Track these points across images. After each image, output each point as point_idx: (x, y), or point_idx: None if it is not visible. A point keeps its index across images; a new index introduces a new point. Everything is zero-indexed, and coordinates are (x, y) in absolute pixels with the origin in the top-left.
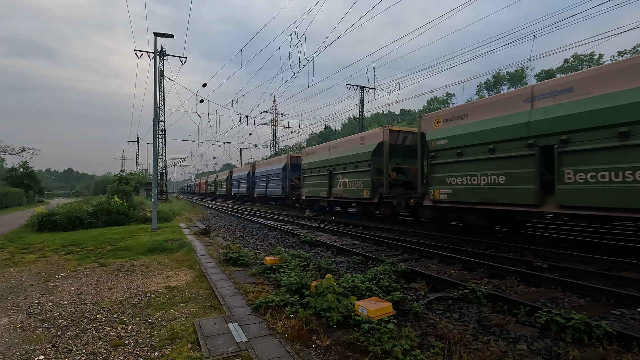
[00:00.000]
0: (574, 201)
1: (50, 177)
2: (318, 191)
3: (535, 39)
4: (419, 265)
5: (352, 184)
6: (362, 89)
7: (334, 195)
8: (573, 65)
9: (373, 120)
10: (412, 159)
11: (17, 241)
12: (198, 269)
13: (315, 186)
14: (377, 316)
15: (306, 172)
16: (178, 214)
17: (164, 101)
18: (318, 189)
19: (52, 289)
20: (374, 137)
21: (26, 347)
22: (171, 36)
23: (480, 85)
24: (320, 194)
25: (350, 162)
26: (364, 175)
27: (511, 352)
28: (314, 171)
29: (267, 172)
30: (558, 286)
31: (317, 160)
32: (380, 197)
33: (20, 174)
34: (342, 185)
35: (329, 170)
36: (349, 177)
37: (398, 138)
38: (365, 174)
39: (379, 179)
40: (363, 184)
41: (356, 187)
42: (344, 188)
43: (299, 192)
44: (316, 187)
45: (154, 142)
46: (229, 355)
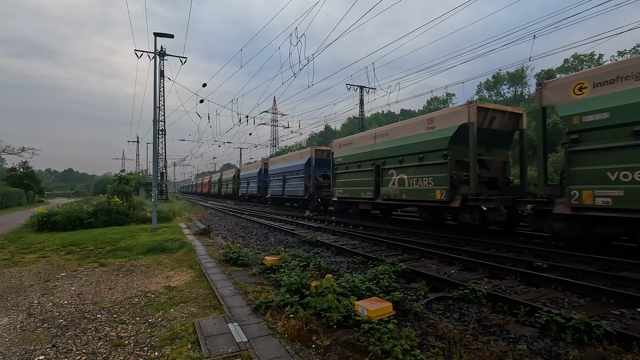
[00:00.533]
0: None
1: (50, 177)
2: (358, 191)
3: (535, 39)
4: (419, 265)
5: (416, 182)
6: (362, 89)
7: (383, 196)
8: (573, 65)
9: (373, 120)
10: (497, 148)
11: (17, 241)
12: (198, 269)
13: (354, 185)
14: (377, 316)
15: (340, 168)
16: (178, 214)
17: (164, 101)
18: (358, 189)
19: (52, 289)
20: (453, 118)
21: (26, 347)
22: (171, 36)
23: (480, 85)
24: (361, 195)
25: (412, 153)
26: (436, 170)
27: (511, 352)
28: (351, 166)
29: (284, 169)
30: (558, 286)
31: (357, 152)
32: (463, 199)
33: (20, 174)
34: (398, 184)
35: (374, 164)
36: (409, 173)
37: (485, 119)
38: (439, 169)
39: (459, 174)
40: (434, 182)
41: (423, 186)
42: (402, 187)
43: (327, 192)
44: (355, 186)
45: (154, 142)
46: (229, 355)
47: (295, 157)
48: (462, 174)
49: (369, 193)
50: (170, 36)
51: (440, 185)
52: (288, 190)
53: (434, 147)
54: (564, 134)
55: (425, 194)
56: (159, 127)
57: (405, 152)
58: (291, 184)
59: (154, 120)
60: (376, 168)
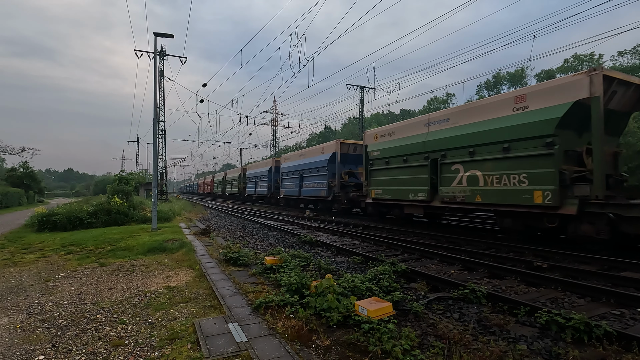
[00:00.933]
0: None
1: (50, 177)
2: (404, 192)
3: (535, 39)
4: (419, 265)
5: (498, 180)
6: (362, 89)
7: (444, 198)
8: (573, 65)
9: (373, 120)
10: (607, 135)
11: (17, 241)
12: (198, 269)
13: (399, 183)
14: (377, 316)
15: (377, 163)
16: (178, 214)
17: (164, 101)
18: (405, 189)
19: (52, 289)
20: (562, 93)
21: (26, 347)
22: (171, 36)
23: (480, 85)
24: (409, 197)
25: (491, 143)
26: (534, 164)
27: (511, 352)
28: (393, 161)
29: (301, 166)
30: (558, 286)
31: (402, 143)
32: (580, 203)
33: (20, 174)
34: (468, 182)
35: (428, 158)
36: (485, 169)
37: (606, 94)
38: (538, 162)
39: (569, 169)
40: (530, 180)
41: (510, 186)
42: (475, 187)
43: (356, 192)
44: (400, 186)
45: (154, 142)
46: (229, 355)
47: (316, 152)
48: (573, 169)
49: (421, 194)
50: (170, 36)
51: (541, 185)
52: (307, 191)
53: (530, 133)
54: None
55: (515, 196)
56: (159, 127)
57: (481, 142)
58: (310, 183)
59: (154, 120)
60: (431, 163)
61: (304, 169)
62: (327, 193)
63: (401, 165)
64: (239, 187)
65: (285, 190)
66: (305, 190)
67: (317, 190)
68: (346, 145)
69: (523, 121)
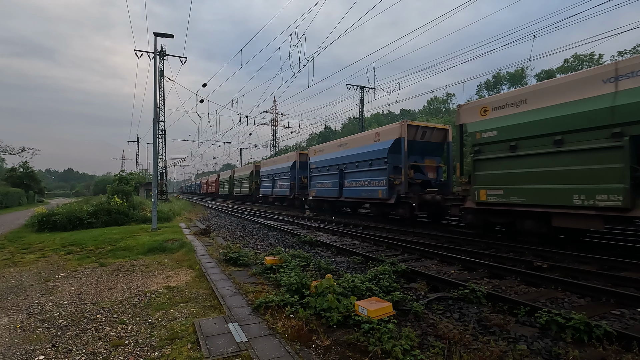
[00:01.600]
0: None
1: (50, 177)
2: (561, 193)
3: (535, 39)
4: (419, 265)
5: None
6: (362, 89)
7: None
8: (573, 65)
9: (373, 120)
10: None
11: (17, 241)
12: (198, 269)
13: (541, 179)
14: (377, 316)
15: (489, 149)
16: (178, 214)
17: (164, 101)
18: (561, 188)
19: (52, 289)
20: None
21: (26, 347)
22: (171, 36)
23: (480, 85)
24: (572, 201)
25: None
26: None
27: (511, 352)
28: (527, 144)
29: (342, 159)
30: (558, 286)
31: (549, 115)
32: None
33: (20, 174)
34: None
35: (623, 135)
36: None
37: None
38: None
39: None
40: None
41: None
42: None
43: (433, 193)
44: (545, 183)
45: (154, 142)
46: (229, 355)
47: (366, 139)
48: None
49: (606, 197)
50: (171, 36)
51: None
52: (352, 191)
53: None
54: None
55: None
56: (159, 127)
57: None
58: (359, 181)
59: (154, 120)
60: (632, 142)
61: (347, 162)
62: (388, 194)
63: (551, 150)
64: (250, 187)
65: (317, 191)
66: (350, 190)
67: (371, 191)
68: (414, 129)
69: None
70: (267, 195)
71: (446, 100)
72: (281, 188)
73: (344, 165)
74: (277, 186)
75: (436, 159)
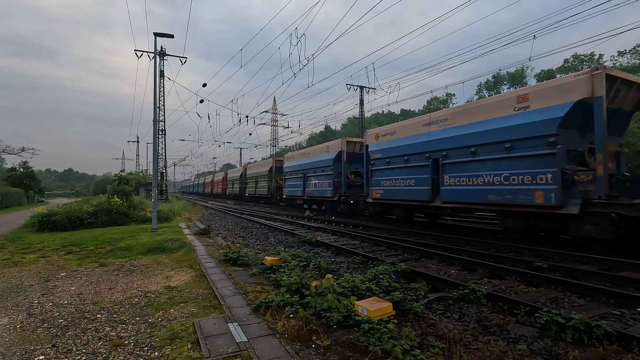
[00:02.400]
0: None
1: (50, 177)
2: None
3: (535, 39)
4: (419, 265)
5: None
6: (362, 89)
7: None
8: (573, 65)
9: (373, 120)
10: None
11: (17, 241)
12: (198, 269)
13: None
14: (377, 316)
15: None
16: (178, 214)
17: (164, 101)
18: None
19: (52, 289)
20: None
21: (26, 347)
22: (171, 36)
23: (480, 85)
24: None
25: None
26: None
27: (511, 352)
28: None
29: (441, 141)
30: (558, 286)
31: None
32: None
33: (20, 174)
34: None
35: None
36: None
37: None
38: None
39: None
40: None
41: None
42: None
43: None
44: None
45: (154, 142)
46: (229, 355)
47: (497, 106)
48: None
49: None
50: (171, 36)
51: None
52: (487, 191)
53: None
54: None
55: None
56: (159, 127)
57: None
58: (512, 175)
59: (154, 120)
60: None
61: (459, 145)
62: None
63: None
64: (269, 186)
65: (386, 191)
66: (488, 189)
67: (524, 193)
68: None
69: None
70: (294, 197)
71: (446, 100)
72: (318, 187)
73: (447, 151)
74: (310, 185)
75: None
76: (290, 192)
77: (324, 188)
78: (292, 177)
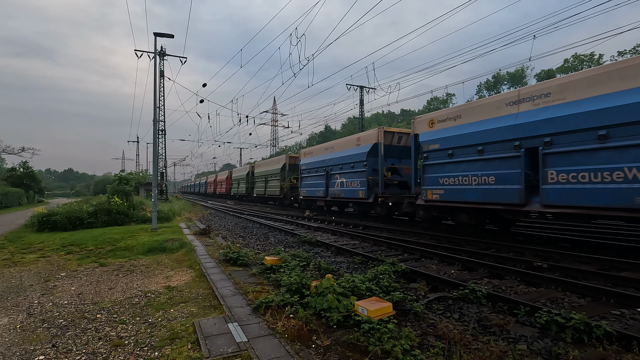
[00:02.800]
0: None
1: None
2: None
3: (535, 39)
4: (419, 265)
5: None
6: (362, 89)
7: None
8: (573, 65)
9: (373, 120)
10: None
11: (17, 241)
12: (198, 269)
13: None
14: (377, 316)
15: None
16: (178, 214)
17: (164, 101)
18: None
19: (52, 289)
20: None
21: (26, 347)
22: (171, 36)
23: (480, 85)
24: None
25: None
26: None
27: (511, 352)
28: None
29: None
30: (558, 286)
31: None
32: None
33: (20, 174)
34: None
35: None
36: None
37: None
38: None
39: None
40: None
41: None
42: None
43: None
44: None
45: (154, 142)
46: (229, 355)
47: None
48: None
49: None
50: (171, 36)
51: None
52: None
53: None
54: None
55: None
56: (159, 127)
57: None
58: None
59: (154, 120)
60: None
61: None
62: None
63: None
64: (282, 185)
65: (447, 191)
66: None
67: None
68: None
69: None
70: (313, 198)
71: (446, 100)
72: (346, 187)
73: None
74: (336, 184)
75: None
76: (308, 192)
77: (354, 187)
78: (311, 175)
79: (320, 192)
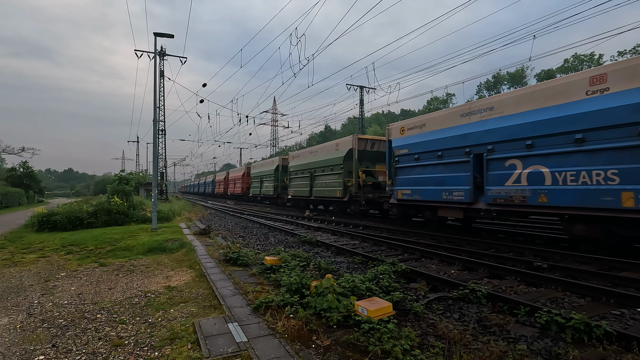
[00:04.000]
0: None
1: (50, 177)
2: None
3: (535, 39)
4: (419, 265)
5: None
6: (362, 89)
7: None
8: (573, 65)
9: (373, 120)
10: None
11: (17, 241)
12: (198, 269)
13: None
14: (377, 316)
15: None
16: (178, 214)
17: (164, 101)
18: None
19: (52, 289)
20: None
21: (26, 347)
22: (171, 36)
23: (480, 85)
24: None
25: None
26: None
27: (511, 352)
28: None
29: None
30: (558, 286)
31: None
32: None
33: (20, 174)
34: None
35: None
36: None
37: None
38: None
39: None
40: None
41: None
42: None
43: None
44: None
45: (154, 142)
46: (229, 355)
47: None
48: None
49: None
50: (171, 36)
51: None
52: None
53: None
54: None
55: None
56: (159, 127)
57: None
58: None
59: (154, 120)
60: None
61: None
62: None
63: None
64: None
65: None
66: None
67: None
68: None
69: None
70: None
71: (446, 100)
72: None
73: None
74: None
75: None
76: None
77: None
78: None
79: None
